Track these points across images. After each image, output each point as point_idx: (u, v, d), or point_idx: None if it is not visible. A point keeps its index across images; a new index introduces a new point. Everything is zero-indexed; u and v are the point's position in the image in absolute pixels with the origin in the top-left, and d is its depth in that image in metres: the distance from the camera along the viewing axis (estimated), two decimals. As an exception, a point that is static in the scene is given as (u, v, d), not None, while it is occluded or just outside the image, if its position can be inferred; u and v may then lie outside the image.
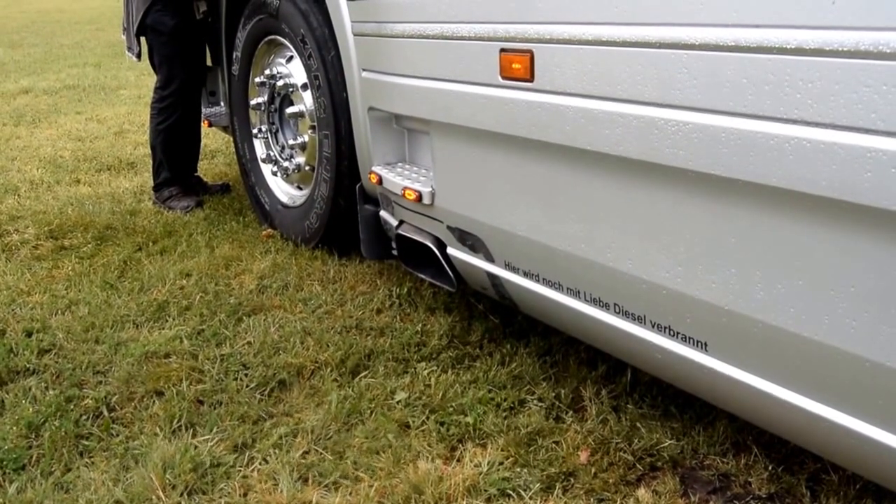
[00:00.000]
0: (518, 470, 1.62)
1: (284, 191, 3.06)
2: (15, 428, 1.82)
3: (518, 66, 1.59)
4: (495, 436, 1.74)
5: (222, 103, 3.66)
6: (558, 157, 1.57)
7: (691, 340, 1.41)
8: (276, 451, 1.71)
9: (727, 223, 1.28)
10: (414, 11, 1.90)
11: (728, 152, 1.22)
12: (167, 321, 2.35)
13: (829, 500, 1.52)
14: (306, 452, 1.71)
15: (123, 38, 3.59)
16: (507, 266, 1.84)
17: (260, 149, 3.15)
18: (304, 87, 2.71)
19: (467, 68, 1.74)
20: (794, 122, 1.13)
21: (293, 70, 2.78)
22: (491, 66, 1.65)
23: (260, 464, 1.68)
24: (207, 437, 1.76)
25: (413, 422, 1.80)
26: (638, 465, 1.64)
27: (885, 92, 1.02)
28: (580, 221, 1.57)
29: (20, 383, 2.03)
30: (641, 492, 1.56)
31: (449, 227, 2.00)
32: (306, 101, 2.72)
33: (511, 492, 1.57)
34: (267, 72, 2.91)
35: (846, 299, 1.15)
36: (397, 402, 1.88)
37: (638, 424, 1.76)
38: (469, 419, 1.79)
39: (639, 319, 1.51)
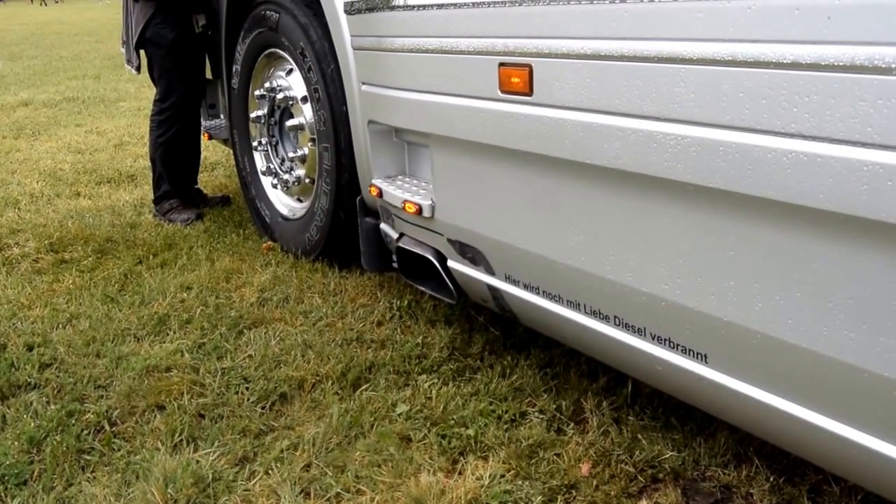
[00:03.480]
0: (520, 482, 1.63)
1: (285, 203, 3.07)
2: (16, 443, 1.82)
3: (517, 80, 1.60)
4: (497, 448, 1.74)
5: (222, 116, 3.67)
6: (557, 170, 1.58)
7: (691, 352, 1.42)
8: (278, 464, 1.71)
9: (726, 236, 1.29)
10: (413, 26, 1.91)
11: (726, 165, 1.23)
12: (168, 334, 2.35)
13: (831, 511, 1.53)
14: (308, 466, 1.71)
15: (123, 51, 3.61)
16: (508, 279, 1.85)
17: (260, 161, 3.16)
18: (304, 99, 2.73)
19: (467, 82, 1.75)
20: (791, 135, 1.14)
21: (293, 83, 2.79)
22: (490, 80, 1.66)
23: (261, 478, 1.68)
24: (209, 450, 1.77)
25: (414, 434, 1.81)
26: (639, 477, 1.64)
27: (880, 106, 1.03)
28: (580, 234, 1.58)
29: (21, 398, 2.03)
30: (643, 504, 1.57)
31: (449, 240, 2.01)
32: (306, 114, 2.73)
33: (513, 504, 1.57)
34: (267, 85, 2.93)
35: (844, 310, 1.15)
36: (398, 415, 1.88)
37: (639, 436, 1.76)
38: (470, 431, 1.79)
39: (639, 331, 1.52)
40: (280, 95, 2.84)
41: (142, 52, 3.48)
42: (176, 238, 3.23)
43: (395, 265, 2.34)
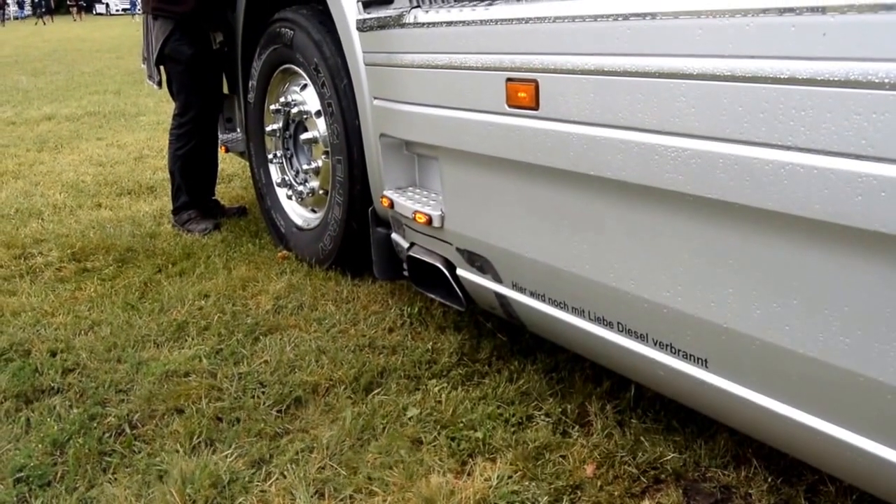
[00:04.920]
0: (526, 483, 1.66)
1: (299, 214, 3.12)
2: (40, 445, 1.85)
3: (524, 94, 1.63)
4: (504, 450, 1.77)
5: (239, 130, 3.73)
6: (563, 181, 1.61)
7: (692, 357, 1.44)
8: (293, 466, 1.75)
9: (725, 245, 1.31)
10: (423, 42, 1.95)
11: (725, 177, 1.25)
12: (187, 341, 2.40)
13: (828, 512, 1.55)
14: (322, 467, 1.75)
15: (143, 66, 3.69)
16: (515, 286, 1.88)
17: (275, 173, 3.21)
18: (318, 114, 2.78)
19: (475, 97, 1.79)
20: (788, 148, 1.16)
21: (307, 98, 2.85)
22: (498, 94, 1.70)
23: (277, 479, 1.72)
24: (226, 452, 1.80)
25: (425, 437, 1.84)
26: (642, 478, 1.67)
27: (874, 119, 1.05)
28: (584, 243, 1.61)
29: (45, 402, 2.07)
30: (646, 504, 1.60)
31: (458, 250, 2.05)
32: (320, 128, 2.79)
33: (520, 505, 1.60)
34: (282, 99, 2.98)
35: (839, 317, 1.17)
36: (409, 418, 1.92)
37: (642, 438, 1.79)
38: (479, 434, 1.82)
39: (641, 337, 1.54)
40: (295, 110, 2.90)
41: (162, 67, 3.56)
42: (194, 247, 3.28)
43: (405, 273, 2.38)
